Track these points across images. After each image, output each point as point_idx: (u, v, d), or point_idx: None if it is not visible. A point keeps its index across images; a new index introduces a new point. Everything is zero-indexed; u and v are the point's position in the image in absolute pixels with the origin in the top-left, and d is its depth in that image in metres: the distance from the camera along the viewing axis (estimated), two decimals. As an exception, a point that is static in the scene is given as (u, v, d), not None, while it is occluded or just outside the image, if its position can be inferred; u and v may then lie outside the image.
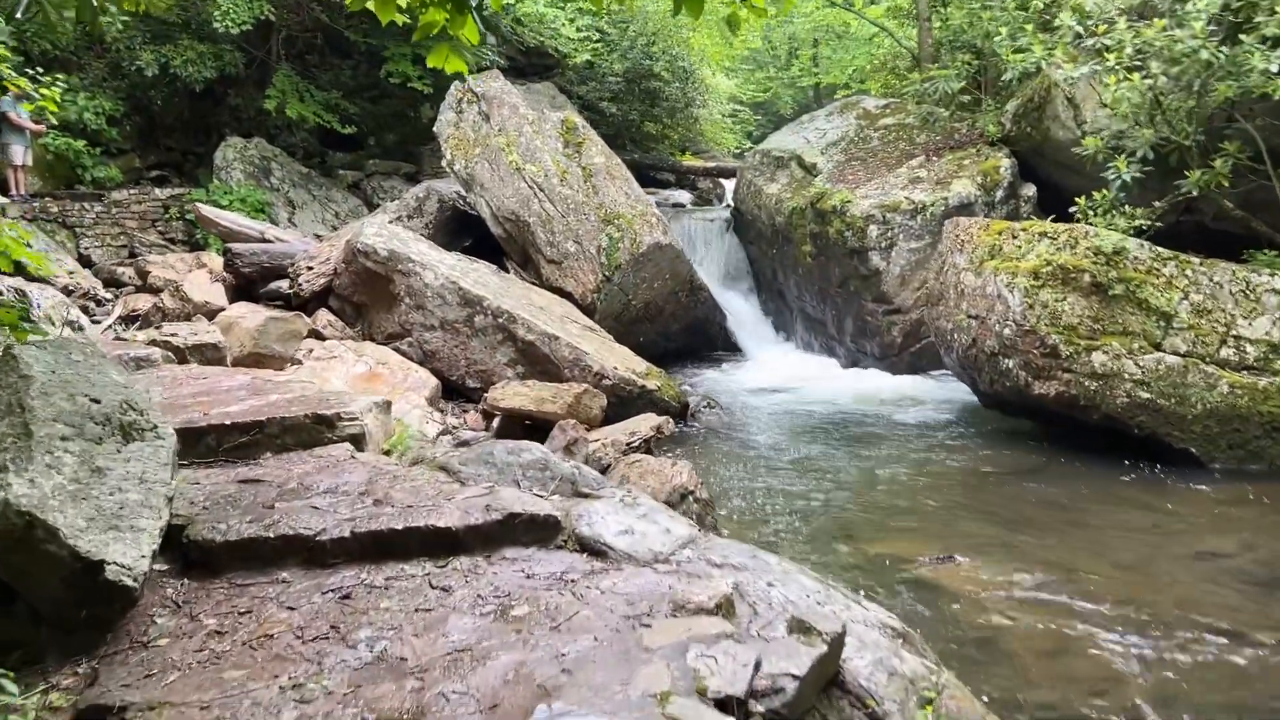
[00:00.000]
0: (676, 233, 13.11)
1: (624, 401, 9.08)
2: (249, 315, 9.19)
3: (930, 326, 10.22)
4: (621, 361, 9.46)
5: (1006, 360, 8.55)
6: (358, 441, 4.96)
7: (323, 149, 17.65)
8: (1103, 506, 6.94)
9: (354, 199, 16.44)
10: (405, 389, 8.45)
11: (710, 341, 13.32)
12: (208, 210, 11.14)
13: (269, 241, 10.76)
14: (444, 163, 13.29)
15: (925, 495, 7.16)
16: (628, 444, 6.48)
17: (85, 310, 9.68)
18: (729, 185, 22.76)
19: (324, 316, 9.44)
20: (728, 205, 18.07)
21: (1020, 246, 8.74)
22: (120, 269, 11.61)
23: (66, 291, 10.07)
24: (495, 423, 7.89)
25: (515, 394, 7.48)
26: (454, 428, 8.26)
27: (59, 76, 14.75)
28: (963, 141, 12.86)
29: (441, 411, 8.80)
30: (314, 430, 4.91)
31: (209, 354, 6.81)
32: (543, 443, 7.36)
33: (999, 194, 12.02)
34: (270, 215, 14.97)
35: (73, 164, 14.09)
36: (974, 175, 12.07)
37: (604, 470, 6.26)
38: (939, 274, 9.98)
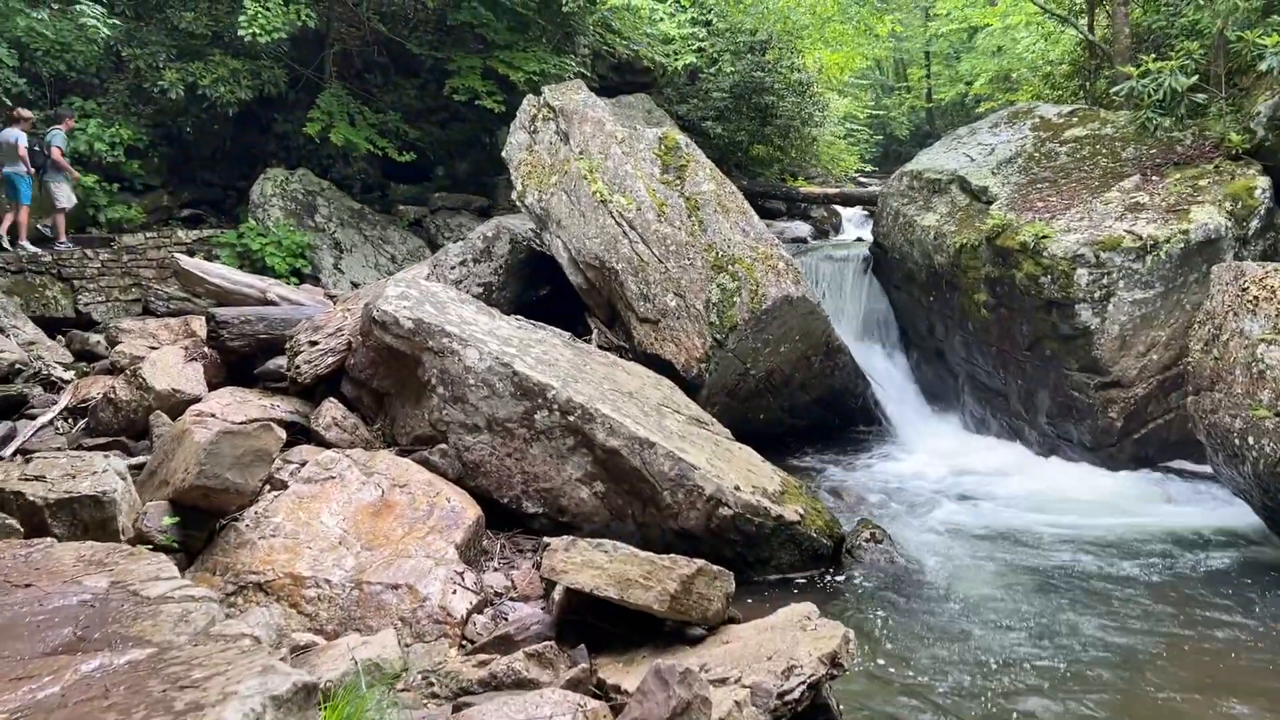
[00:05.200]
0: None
1: (750, 540, 6.19)
2: (226, 411, 6.62)
3: (1196, 419, 7.07)
4: (744, 475, 6.55)
5: (1359, 489, 5.38)
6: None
7: (385, 181, 15.28)
8: None
9: (415, 239, 13.97)
10: (428, 530, 5.70)
11: (848, 416, 10.31)
12: (190, 263, 8.70)
13: (273, 303, 8.22)
14: (514, 195, 10.69)
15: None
16: (781, 696, 3.57)
17: (19, 405, 7.23)
18: (846, 214, 19.86)
19: (331, 411, 6.79)
20: (859, 239, 15.08)
21: (1374, 310, 5.58)
22: (94, 337, 9.23)
23: (14, 371, 7.66)
24: (557, 594, 5.07)
25: (586, 564, 4.64)
26: (496, 596, 5.47)
27: (74, 101, 12.75)
28: (1190, 155, 9.65)
29: (484, 556, 6.02)
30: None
31: (86, 516, 4.19)
32: (631, 650, 4.53)
33: (1254, 224, 8.80)
34: (313, 261, 12.59)
35: (83, 203, 11.91)
36: (1218, 200, 8.86)
37: (738, 762, 3.37)
38: (1209, 344, 6.84)
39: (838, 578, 6.27)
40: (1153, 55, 10.05)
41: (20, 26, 10.64)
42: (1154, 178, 9.51)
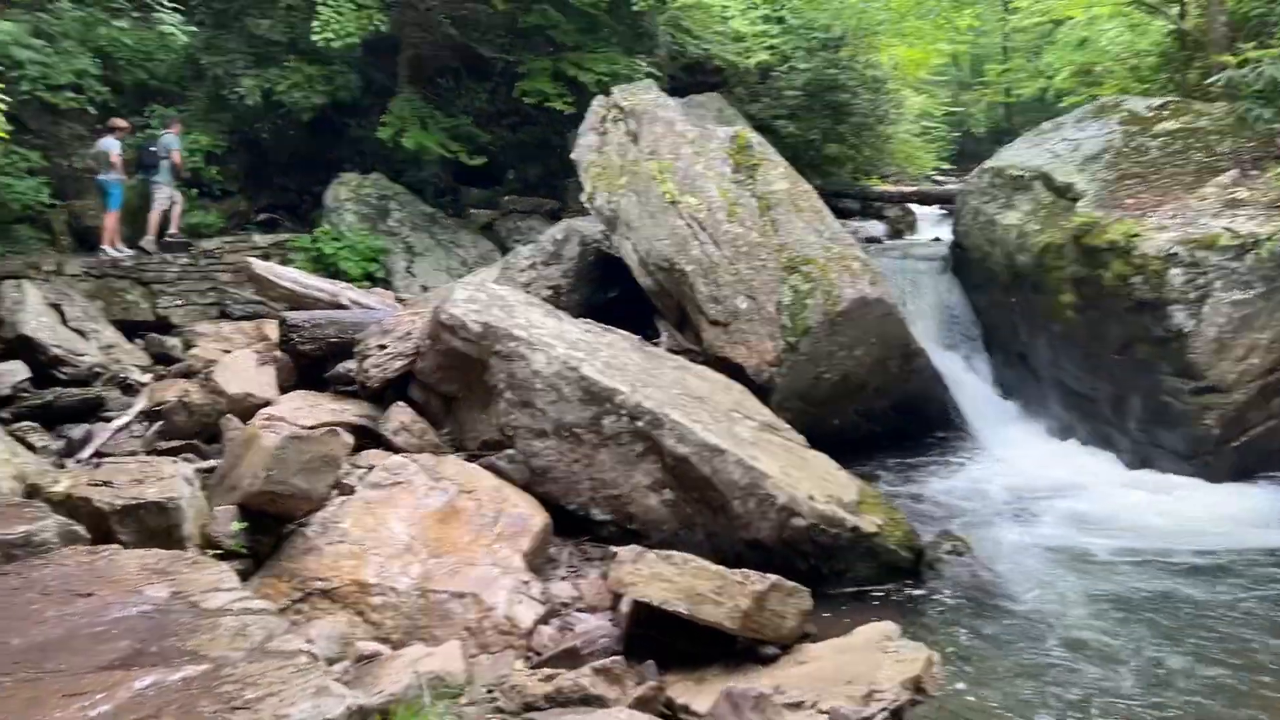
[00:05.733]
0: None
1: (825, 552, 5.97)
2: (296, 415, 6.63)
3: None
4: (819, 485, 6.34)
5: None
6: None
7: (456, 185, 15.34)
8: None
9: (486, 242, 13.98)
10: (495, 538, 5.61)
11: (927, 422, 9.95)
12: (262, 267, 8.76)
13: (343, 306, 8.24)
14: (583, 197, 10.60)
15: None
16: (860, 724, 3.37)
17: (96, 408, 7.35)
18: (922, 213, 19.45)
19: (399, 415, 6.76)
20: (936, 238, 14.69)
21: None
22: (170, 340, 9.38)
23: (93, 374, 7.80)
24: (625, 606, 4.92)
25: (655, 577, 4.49)
26: (563, 606, 5.35)
27: (155, 109, 13.03)
28: (1293, 147, 9.13)
29: (551, 564, 5.92)
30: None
31: (152, 522, 4.18)
32: (702, 668, 4.37)
33: (1363, 220, 8.25)
34: (386, 265, 12.67)
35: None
36: (1325, 194, 8.35)
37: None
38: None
39: (917, 591, 6.02)
40: (1252, 44, 9.54)
41: (103, 35, 10.92)
42: (1253, 172, 9.03)
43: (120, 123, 11.68)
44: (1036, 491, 8.27)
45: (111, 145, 11.38)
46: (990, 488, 8.42)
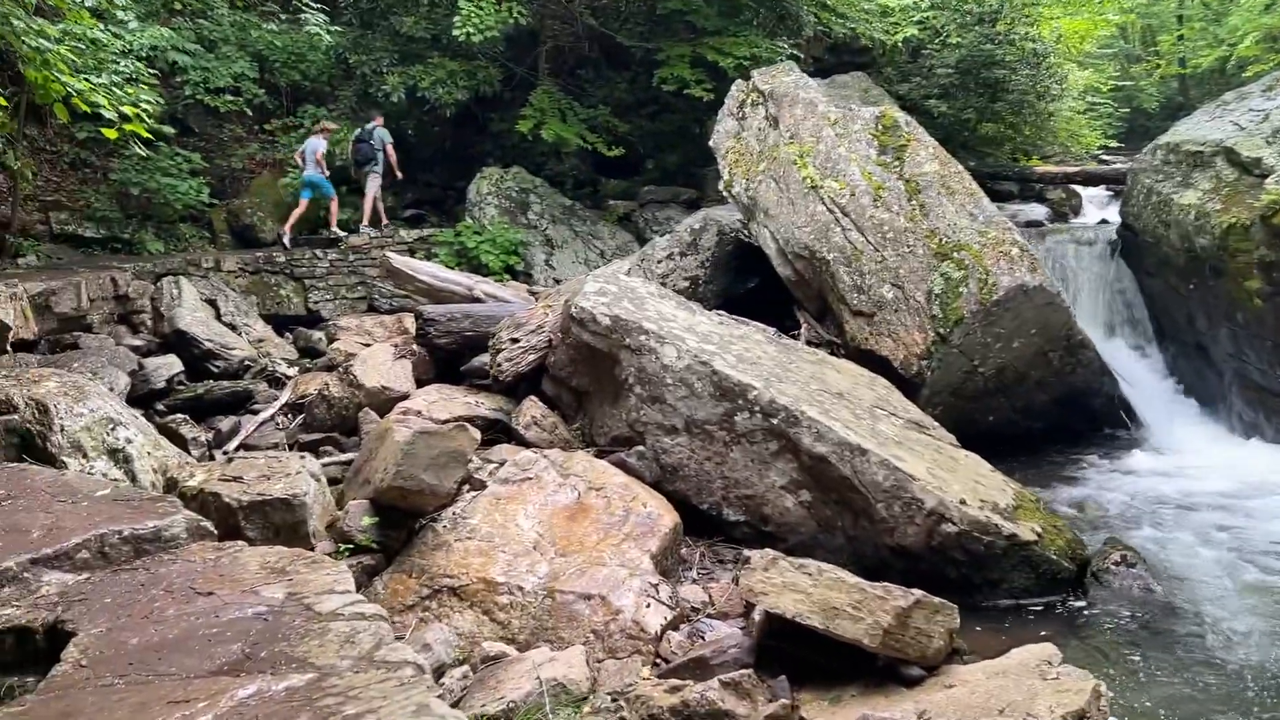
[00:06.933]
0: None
1: (977, 561, 5.54)
2: (431, 409, 6.63)
3: None
4: (970, 487, 5.89)
5: None
6: None
7: (595, 176, 15.30)
8: None
9: (624, 234, 13.88)
10: (623, 538, 5.42)
11: (1092, 418, 9.25)
12: (400, 261, 8.83)
13: (479, 300, 8.23)
14: (720, 185, 10.34)
15: None
16: (1015, 764, 3.01)
17: (245, 400, 7.56)
18: (1087, 195, 18.28)
19: (531, 409, 6.67)
20: (1103, 221, 13.72)
21: None
22: (316, 334, 9.61)
23: (243, 367, 8.04)
24: (756, 614, 4.65)
25: (788, 586, 4.20)
26: (692, 611, 5.12)
27: (308, 109, 13.47)
28: None
29: (681, 565, 5.70)
30: None
31: (277, 519, 4.17)
32: (838, 687, 4.07)
33: None
34: (525, 258, 12.72)
35: (315, 204, 12.57)
36: None
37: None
38: None
39: (1078, 604, 5.51)
40: None
41: (257, 39, 11.33)
42: None
43: (329, 125, 12.51)
44: (1217, 496, 7.53)
45: (319, 145, 12.10)
46: (1164, 491, 7.72)
